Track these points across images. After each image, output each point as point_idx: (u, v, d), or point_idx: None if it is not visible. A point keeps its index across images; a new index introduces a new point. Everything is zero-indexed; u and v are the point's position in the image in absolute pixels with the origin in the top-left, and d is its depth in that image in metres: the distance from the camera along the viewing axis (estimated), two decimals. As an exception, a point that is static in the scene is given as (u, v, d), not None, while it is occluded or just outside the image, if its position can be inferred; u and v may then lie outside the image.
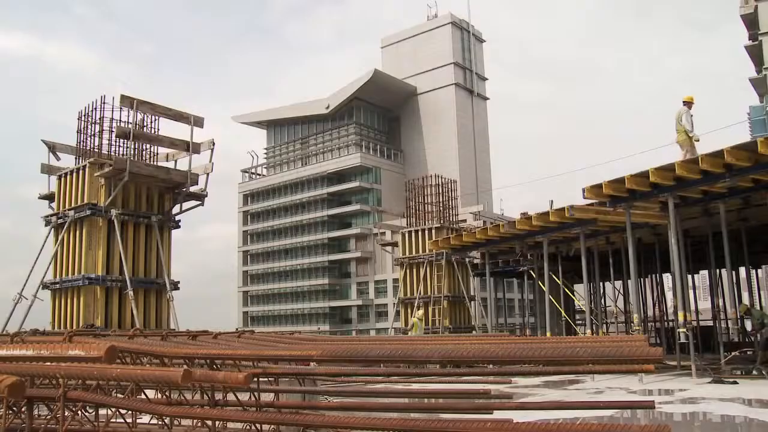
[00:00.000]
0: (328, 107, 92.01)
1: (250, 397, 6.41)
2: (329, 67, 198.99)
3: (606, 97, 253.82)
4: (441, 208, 32.42)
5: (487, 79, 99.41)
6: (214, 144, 21.52)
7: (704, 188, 15.96)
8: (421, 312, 24.63)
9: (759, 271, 34.79)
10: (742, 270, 27.82)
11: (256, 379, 6.21)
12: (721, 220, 17.28)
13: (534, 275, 26.11)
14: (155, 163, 21.43)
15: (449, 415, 5.30)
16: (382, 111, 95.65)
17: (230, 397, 6.24)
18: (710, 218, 18.44)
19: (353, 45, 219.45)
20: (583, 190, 16.25)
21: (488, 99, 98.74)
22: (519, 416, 4.74)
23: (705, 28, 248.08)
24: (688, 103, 17.05)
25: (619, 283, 28.43)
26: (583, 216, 18.53)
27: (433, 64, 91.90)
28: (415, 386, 10.62)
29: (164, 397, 6.65)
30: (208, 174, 21.58)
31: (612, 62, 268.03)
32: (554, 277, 24.56)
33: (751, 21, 63.92)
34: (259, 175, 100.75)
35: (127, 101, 19.91)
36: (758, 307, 33.40)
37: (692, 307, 28.31)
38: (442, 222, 31.59)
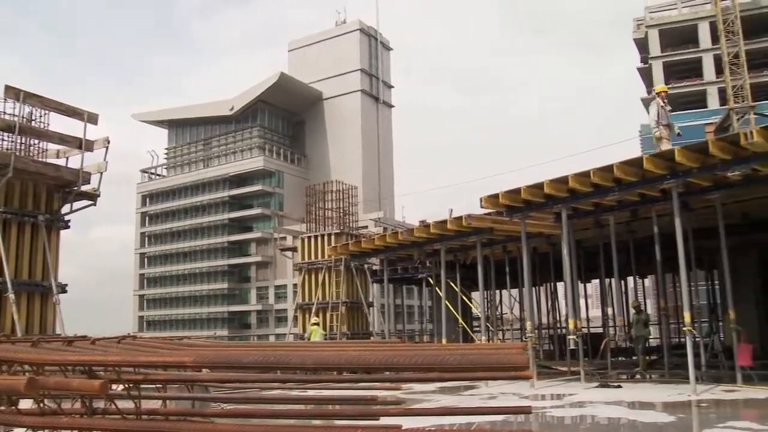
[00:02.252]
0: (232, 109, 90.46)
1: (138, 404, 6.06)
2: (238, 69, 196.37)
3: (510, 107, 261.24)
4: (341, 214, 32.34)
5: (393, 87, 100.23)
6: (108, 142, 20.54)
7: (595, 201, 16.42)
8: (317, 318, 24.33)
9: (646, 280, 36.40)
10: (631, 280, 28.99)
11: (131, 385, 5.89)
12: (611, 231, 17.92)
13: (432, 282, 26.28)
14: (44, 159, 20.27)
15: (341, 422, 5.20)
16: (287, 115, 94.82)
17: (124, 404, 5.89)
18: (601, 230, 19.02)
19: (263, 48, 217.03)
20: (481, 200, 16.43)
21: (393, 107, 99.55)
22: (409, 422, 4.75)
23: (601, 49, 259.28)
24: (661, 93, 16.72)
25: (515, 291, 29.00)
26: (480, 225, 18.74)
27: (339, 69, 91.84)
28: (311, 392, 10.44)
29: (38, 406, 6.20)
30: (101, 173, 20.59)
31: (515, 75, 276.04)
32: (452, 284, 24.77)
33: (642, 45, 67.30)
34: (159, 175, 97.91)
35: (11, 92, 18.70)
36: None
37: (584, 315, 29.32)
38: (342, 228, 31.49)
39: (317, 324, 23.33)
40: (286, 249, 39.89)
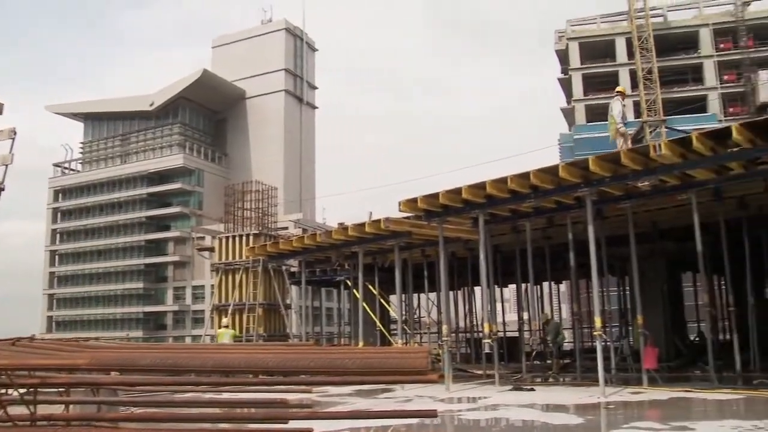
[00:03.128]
0: (152, 104, 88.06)
1: (32, 410, 5.70)
2: (160, 63, 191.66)
3: (434, 112, 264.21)
4: (260, 215, 31.93)
5: (317, 88, 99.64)
6: (15, 133, 19.53)
7: (513, 207, 16.67)
8: (226, 320, 23.83)
9: (561, 285, 37.26)
10: (547, 285, 29.65)
11: (28, 390, 5.57)
12: (527, 237, 18.21)
13: (350, 285, 26.19)
14: (-59, 150, 19.15)
15: (251, 425, 5.12)
16: (209, 112, 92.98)
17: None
18: (518, 235, 19.33)
19: (185, 44, 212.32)
20: (399, 204, 16.42)
21: (317, 108, 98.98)
22: (319, 426, 4.83)
23: (525, 58, 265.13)
24: (621, 94, 16.94)
25: (433, 295, 29.20)
26: (399, 229, 18.75)
27: (264, 68, 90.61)
28: (225, 395, 10.19)
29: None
30: (6, 165, 19.61)
31: (440, 80, 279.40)
32: (370, 287, 24.74)
33: (563, 56, 69.20)
34: (74, 170, 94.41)
35: None
36: (558, 320, 35.72)
37: (501, 319, 29.76)
38: (260, 229, 31.09)
39: (227, 326, 22.86)
40: (203, 249, 39.16)
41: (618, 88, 17.22)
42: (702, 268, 16.10)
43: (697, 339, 26.51)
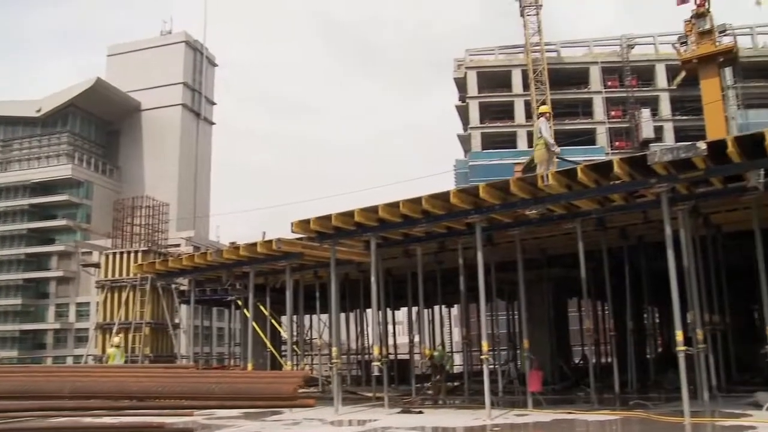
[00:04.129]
0: (39, 110, 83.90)
1: None
2: (53, 69, 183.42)
3: (333, 135, 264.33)
4: (151, 231, 30.94)
5: (215, 103, 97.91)
6: None
7: (404, 231, 16.75)
8: (117, 339, 22.81)
9: (453, 309, 37.85)
10: (438, 308, 29.99)
11: None
12: (418, 261, 18.36)
13: (241, 305, 25.67)
14: None
15: None
16: (101, 123, 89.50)
17: None
18: (410, 259, 19.46)
19: (80, 50, 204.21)
20: (292, 225, 16.21)
21: (215, 124, 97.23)
22: None
23: (423, 85, 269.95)
24: (545, 114, 16.77)
25: (325, 316, 28.99)
26: (291, 249, 18.52)
27: (161, 81, 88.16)
28: (107, 419, 9.72)
29: None
30: None
31: (339, 104, 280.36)
32: (262, 308, 24.29)
33: (461, 85, 70.98)
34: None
35: None
36: (449, 342, 36.25)
37: (392, 342, 29.86)
38: (150, 245, 30.10)
39: (118, 346, 21.80)
40: (88, 265, 37.44)
41: (542, 108, 17.28)
42: (586, 294, 16.64)
43: (581, 362, 27.46)
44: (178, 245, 43.68)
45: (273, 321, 25.82)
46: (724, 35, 49.77)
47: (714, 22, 48.53)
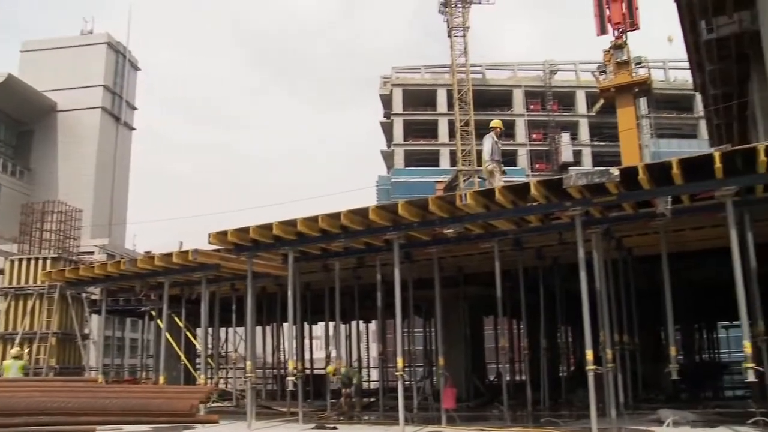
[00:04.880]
0: (-60, 106, 79.95)
1: None
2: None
3: (257, 146, 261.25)
4: (62, 237, 29.81)
5: (137, 109, 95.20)
6: None
7: (323, 246, 16.70)
8: (15, 350, 21.66)
9: (371, 325, 37.86)
10: (356, 323, 29.97)
11: None
12: (336, 276, 18.33)
13: (155, 316, 25.02)
14: None
15: None
16: (12, 122, 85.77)
17: None
18: (328, 274, 19.40)
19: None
20: (209, 236, 15.93)
21: (135, 129, 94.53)
22: None
23: (349, 101, 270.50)
24: (495, 129, 16.57)
25: (241, 329, 28.54)
26: (207, 261, 18.16)
27: (80, 82, 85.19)
28: None
29: None
30: None
31: (262, 116, 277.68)
32: (177, 319, 23.75)
33: (386, 101, 71.56)
34: None
35: None
36: (366, 357, 36.23)
37: (309, 356, 29.60)
38: (60, 252, 29.00)
39: (17, 357, 20.71)
40: (-8, 270, 35.74)
41: (493, 123, 17.19)
42: (502, 312, 16.91)
43: (495, 379, 27.86)
44: (91, 253, 42.32)
45: (188, 333, 25.25)
46: (640, 67, 51.80)
47: (631, 54, 50.45)
